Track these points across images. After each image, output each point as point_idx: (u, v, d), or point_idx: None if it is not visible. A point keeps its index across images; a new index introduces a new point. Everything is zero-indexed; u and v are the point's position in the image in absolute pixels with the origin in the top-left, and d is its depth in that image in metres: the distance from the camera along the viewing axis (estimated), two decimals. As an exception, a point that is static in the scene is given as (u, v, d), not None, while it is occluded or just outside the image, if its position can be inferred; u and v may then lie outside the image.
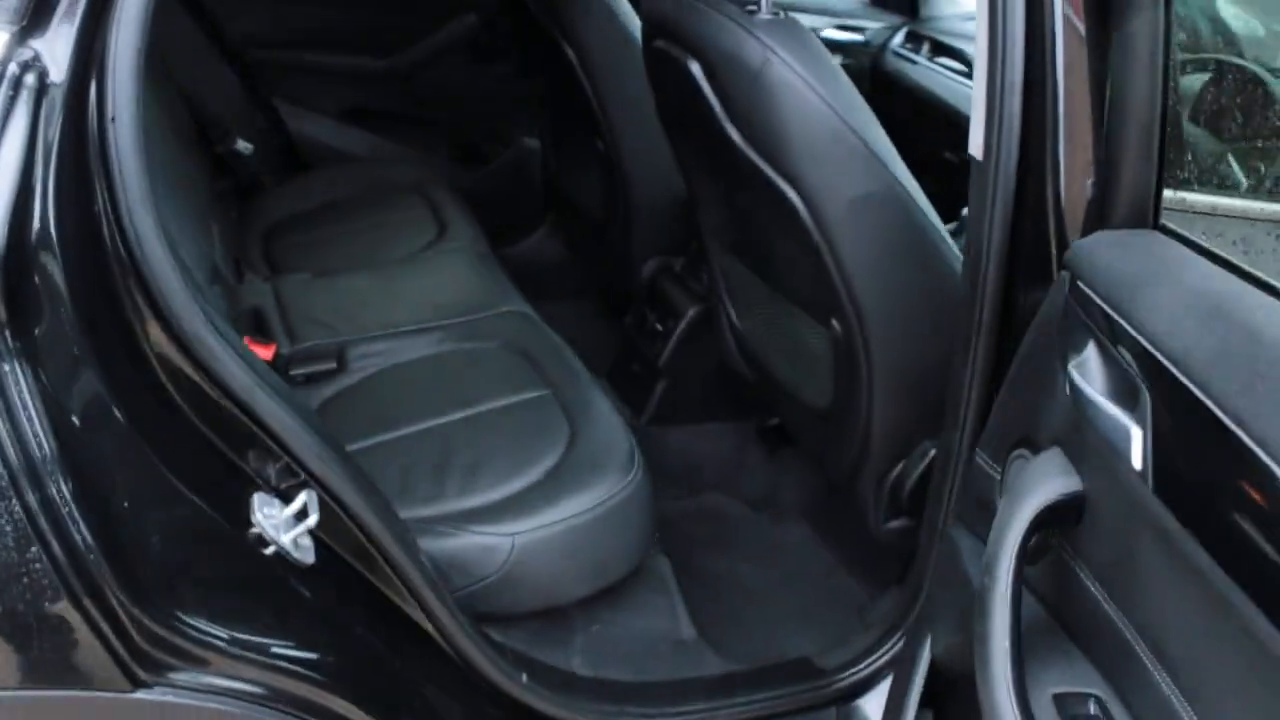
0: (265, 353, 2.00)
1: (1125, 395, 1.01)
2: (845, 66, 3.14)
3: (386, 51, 3.06)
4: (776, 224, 1.70)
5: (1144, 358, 0.99)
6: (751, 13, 1.60)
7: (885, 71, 3.23)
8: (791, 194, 1.59)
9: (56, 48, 0.97)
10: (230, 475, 1.21)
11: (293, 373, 2.03)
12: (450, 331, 2.13)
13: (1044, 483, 1.09)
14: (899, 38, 3.25)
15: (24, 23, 0.96)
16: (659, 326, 2.48)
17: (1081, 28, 1.24)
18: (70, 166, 1.02)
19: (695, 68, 1.67)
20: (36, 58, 0.96)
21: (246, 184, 2.95)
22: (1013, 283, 1.38)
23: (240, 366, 1.15)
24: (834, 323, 1.71)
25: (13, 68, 0.94)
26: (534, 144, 3.20)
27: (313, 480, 1.24)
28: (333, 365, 2.04)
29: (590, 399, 1.90)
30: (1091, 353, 1.08)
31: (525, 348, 2.07)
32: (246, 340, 1.97)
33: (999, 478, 1.25)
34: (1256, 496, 0.82)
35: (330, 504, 1.26)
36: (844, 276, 1.62)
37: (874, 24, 3.29)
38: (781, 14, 1.62)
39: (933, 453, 1.68)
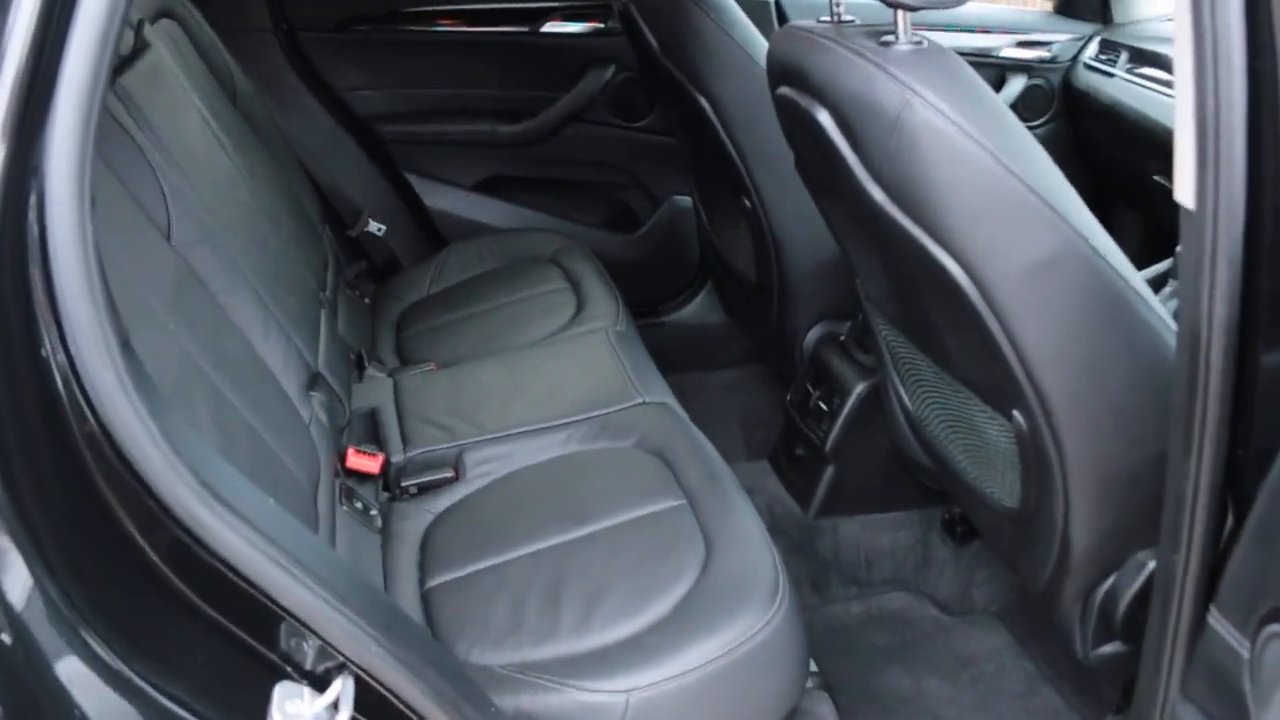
0: (372, 464, 1.82)
1: None
2: (1033, 87, 2.87)
3: (520, 115, 2.88)
4: (938, 298, 1.39)
5: None
6: (886, 44, 1.31)
7: (1077, 89, 2.85)
8: (950, 263, 1.29)
9: None
10: (246, 663, 1.00)
11: (405, 484, 1.84)
12: (579, 429, 1.90)
13: None
14: (1091, 49, 2.86)
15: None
16: (823, 406, 2.18)
17: None
18: (16, 316, 0.84)
19: (824, 117, 1.39)
20: None
21: (382, 266, 2.82)
22: (1246, 363, 1.04)
23: (238, 538, 0.93)
24: (1016, 414, 1.38)
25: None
26: (686, 202, 2.96)
27: (349, 664, 1.01)
28: (449, 474, 1.84)
29: (732, 508, 1.63)
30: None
31: (661, 446, 1.81)
32: (352, 450, 1.81)
33: (1246, 654, 0.91)
34: None
35: (376, 688, 1.03)
36: (1023, 361, 1.30)
37: (1061, 36, 2.90)
38: (924, 42, 1.32)
39: (1150, 566, 1.33)
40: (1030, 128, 2.83)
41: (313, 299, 2.06)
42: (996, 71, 2.88)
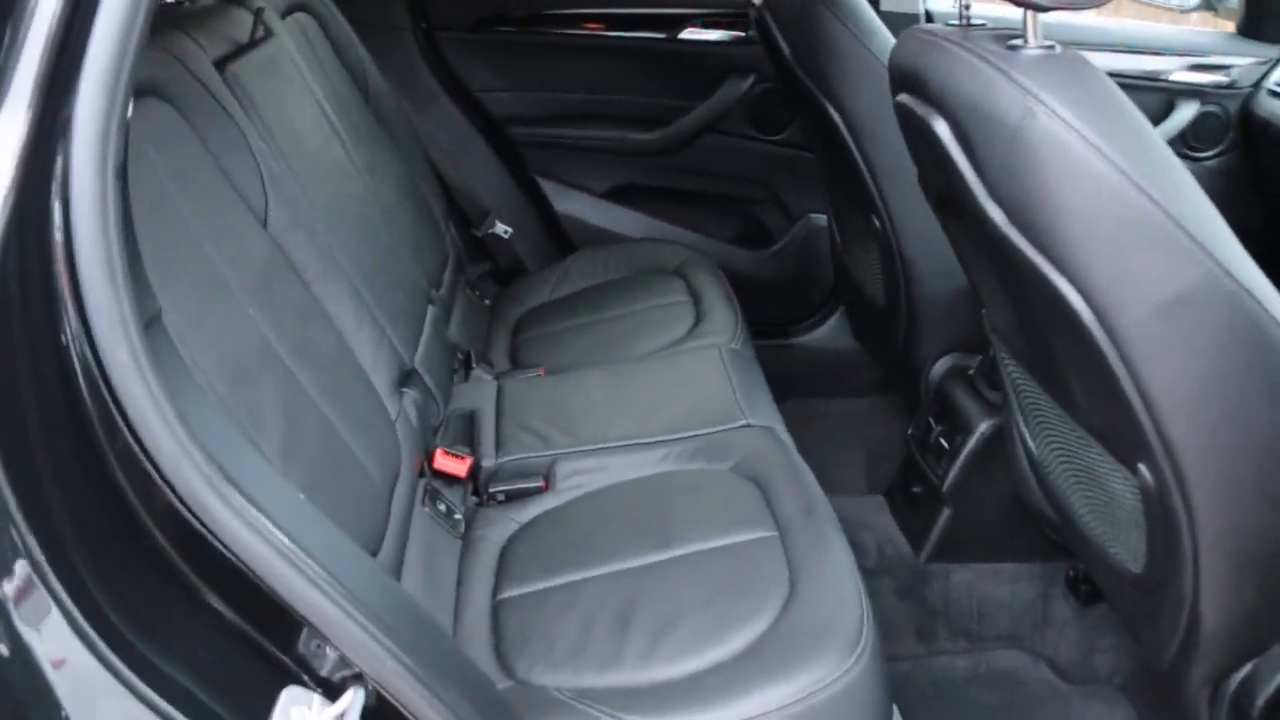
0: (459, 466, 1.78)
1: None
2: (1206, 115, 2.65)
3: (654, 123, 2.81)
4: (1060, 334, 1.26)
5: None
6: (1014, 48, 1.19)
7: (1259, 117, 2.62)
8: (1072, 295, 1.15)
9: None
10: (256, 664, 0.94)
11: (493, 489, 1.79)
12: (677, 448, 1.81)
13: None
14: (1278, 74, 2.63)
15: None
16: (944, 443, 2.04)
17: None
18: (39, 299, 0.81)
19: (941, 127, 1.27)
20: None
21: (507, 268, 2.79)
22: None
23: (251, 533, 0.88)
24: (1142, 469, 1.23)
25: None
26: (823, 220, 2.84)
27: (366, 676, 0.95)
28: (538, 484, 1.77)
29: (824, 545, 1.51)
30: None
31: (760, 472, 1.71)
32: (440, 451, 1.76)
33: None
34: None
35: (392, 704, 0.96)
36: (1150, 408, 1.15)
37: (1242, 59, 2.67)
38: (1057, 47, 1.19)
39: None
40: (1202, 159, 2.67)
41: (419, 295, 2.03)
42: (1165, 97, 2.67)
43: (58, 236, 0.81)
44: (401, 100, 2.59)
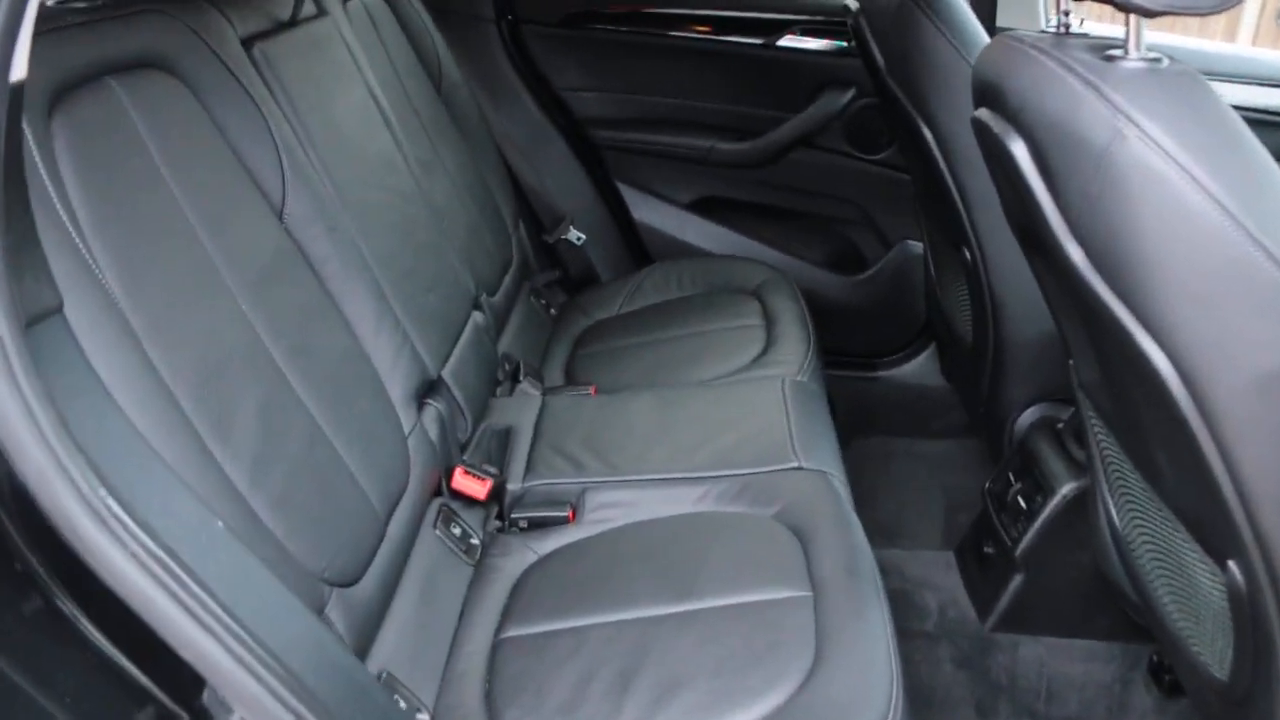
0: (479, 488, 1.65)
1: None
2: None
3: (745, 133, 2.65)
4: (1145, 399, 1.07)
5: None
6: (1111, 59, 1.00)
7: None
8: (1158, 357, 0.96)
9: None
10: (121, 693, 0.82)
11: (516, 515, 1.66)
12: (718, 486, 1.66)
13: None
14: None
15: None
16: (1023, 502, 1.84)
17: None
18: None
19: (1019, 148, 1.09)
20: None
21: (578, 277, 2.67)
22: None
23: (134, 565, 0.75)
24: (1232, 565, 1.04)
25: None
26: (919, 249, 2.65)
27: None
28: (564, 513, 1.64)
29: (862, 614, 1.34)
30: None
31: (804, 522, 1.54)
32: (460, 470, 1.64)
33: None
34: None
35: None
36: (1244, 497, 0.96)
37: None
38: (1164, 60, 1.00)
39: None
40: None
41: (462, 301, 1.91)
42: (1306, 138, 2.41)
43: None
44: (478, 93, 2.49)
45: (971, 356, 2.09)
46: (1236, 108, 1.06)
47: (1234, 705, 1.16)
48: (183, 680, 0.82)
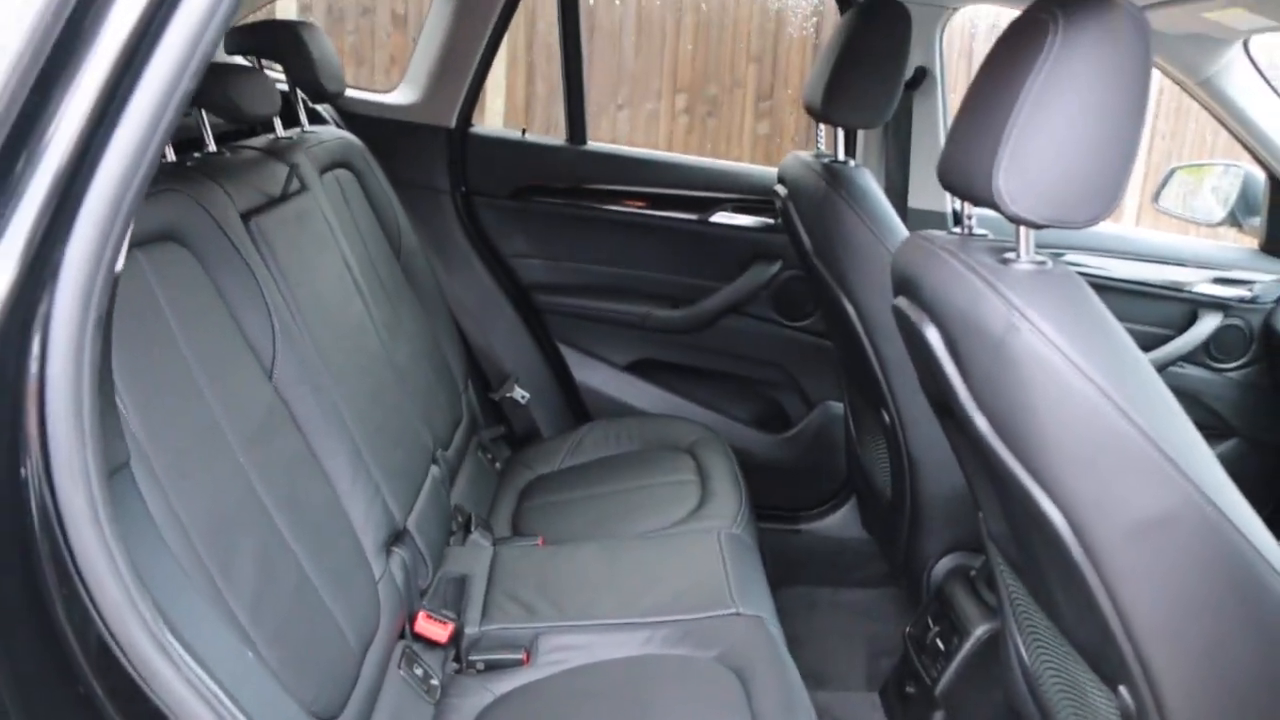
0: (440, 631, 1.75)
1: None
2: (1228, 327, 2.66)
3: (681, 301, 2.86)
4: (1045, 548, 1.24)
5: None
6: (1006, 262, 1.21)
7: (1280, 333, 2.63)
8: (1052, 510, 1.14)
9: None
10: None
11: (473, 657, 1.76)
12: (662, 631, 1.78)
13: None
14: (1301, 292, 2.66)
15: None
16: (941, 644, 1.99)
17: None
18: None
19: (932, 334, 1.28)
20: None
21: (522, 433, 2.81)
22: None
23: (189, 689, 0.87)
24: (1122, 690, 1.20)
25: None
26: (840, 410, 2.85)
27: None
28: (519, 656, 1.75)
29: (799, 745, 1.47)
30: None
31: (743, 663, 1.68)
32: (423, 615, 1.75)
33: None
34: None
35: None
36: (1129, 631, 1.13)
37: (1266, 276, 2.70)
38: (1049, 262, 1.21)
39: None
40: (1224, 370, 2.67)
41: (422, 455, 2.04)
42: (1188, 307, 2.69)
43: (33, 370, 0.84)
44: (433, 259, 2.66)
45: (890, 510, 2.26)
46: (1120, 279, 1.26)
47: (1132, 823, 1.31)
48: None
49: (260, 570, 1.31)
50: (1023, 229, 1.20)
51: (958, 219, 2.70)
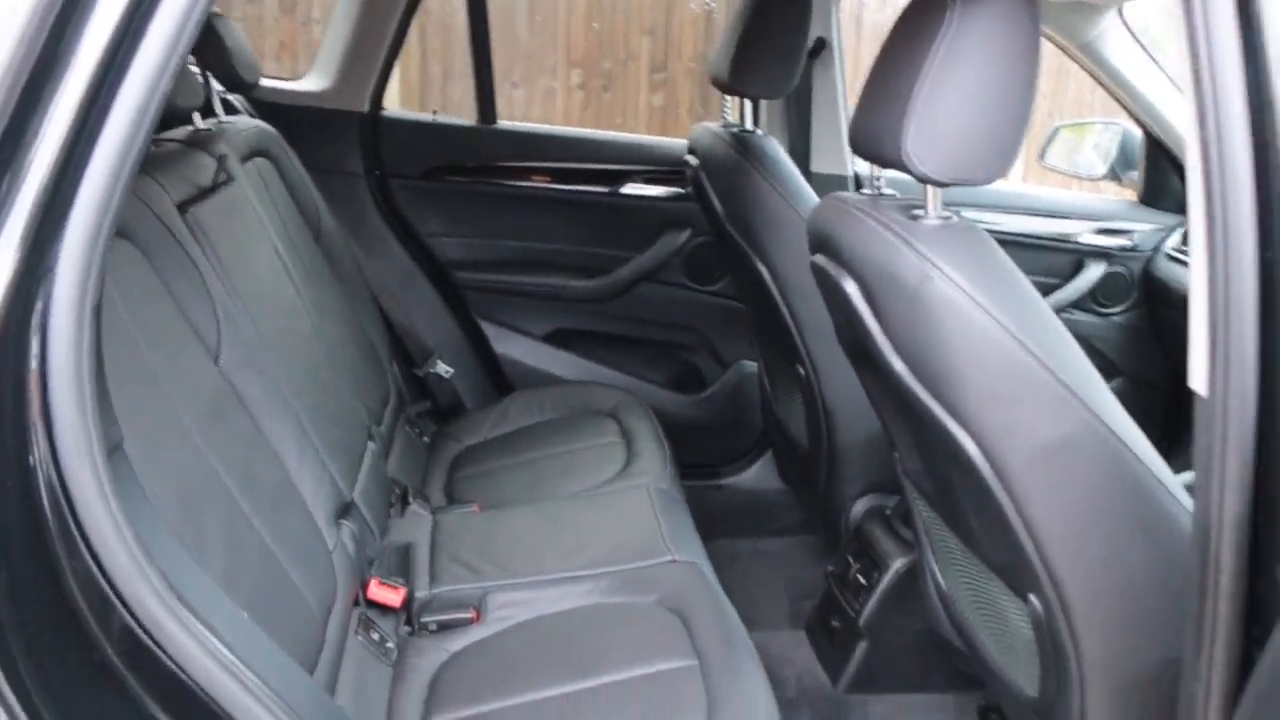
0: (393, 596, 1.83)
1: None
2: (1112, 275, 2.85)
3: (594, 271, 2.95)
4: (958, 474, 1.37)
5: None
6: (915, 219, 1.33)
7: (1158, 278, 2.84)
8: (966, 441, 1.27)
9: None
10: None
11: (425, 619, 1.83)
12: (604, 581, 1.88)
13: None
14: (1174, 239, 2.86)
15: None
16: (862, 579, 2.13)
17: None
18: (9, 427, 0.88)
19: (851, 287, 1.40)
20: None
21: (446, 407, 2.87)
22: (1259, 565, 1.00)
23: (195, 645, 0.94)
24: (1032, 599, 1.34)
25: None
26: (753, 368, 2.98)
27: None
28: (469, 615, 1.83)
29: (741, 675, 1.58)
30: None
31: (683, 606, 1.79)
32: (375, 581, 1.82)
33: None
34: None
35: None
36: (1037, 544, 1.26)
37: (1144, 226, 2.90)
38: (954, 218, 1.33)
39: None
40: (1109, 315, 2.86)
41: (360, 431, 2.11)
42: (1075, 257, 2.87)
43: (33, 365, 0.89)
44: (351, 242, 2.71)
45: (808, 458, 2.39)
46: (1012, 233, 1.37)
47: (1044, 715, 1.45)
48: (166, 690, 0.99)
49: (228, 545, 1.37)
50: (930, 188, 1.31)
51: (859, 182, 2.85)
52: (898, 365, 1.34)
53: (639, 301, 2.98)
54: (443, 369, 2.83)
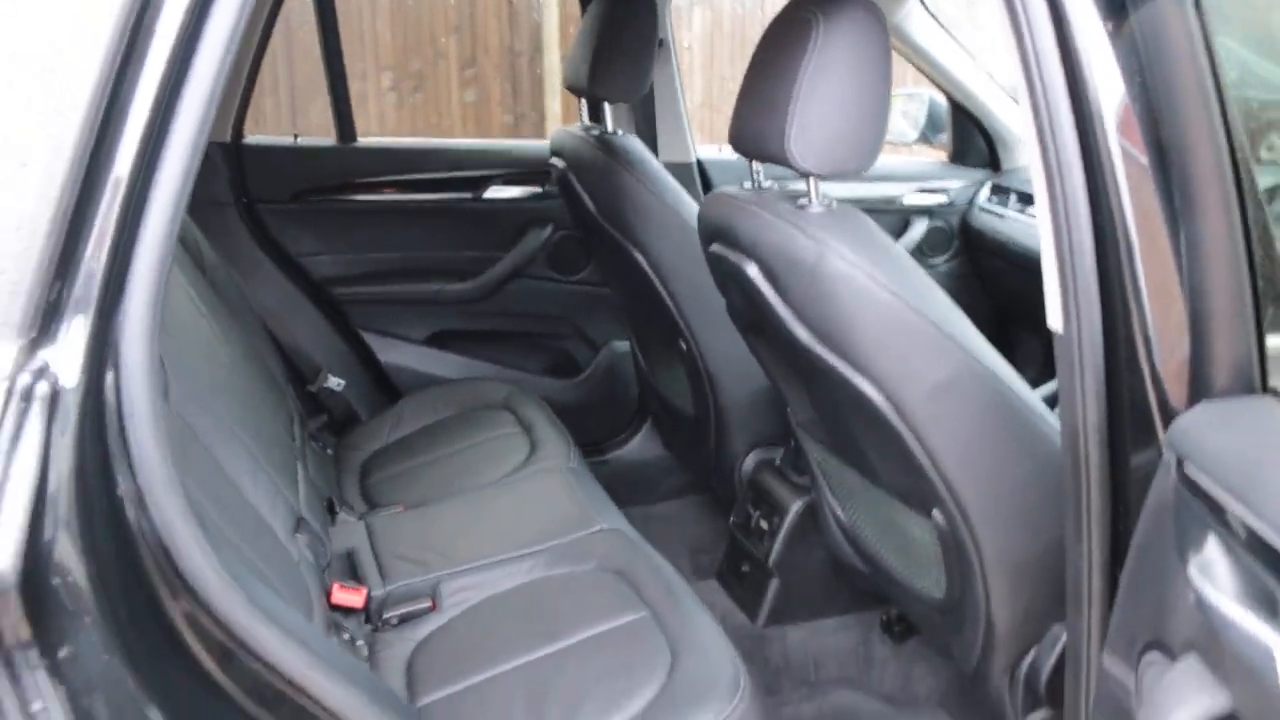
0: (356, 598, 1.96)
1: (1259, 601, 0.88)
2: (934, 229, 3.18)
3: (466, 274, 3.11)
4: (861, 420, 1.62)
5: (1273, 556, 0.86)
6: (802, 207, 1.56)
7: (974, 228, 3.18)
8: (868, 388, 1.51)
9: (66, 355, 0.96)
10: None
11: (386, 615, 1.98)
12: (542, 557, 2.06)
13: (1185, 699, 0.95)
14: (984, 193, 3.21)
15: (33, 334, 0.95)
16: (764, 525, 2.38)
17: (1143, 158, 1.14)
18: (93, 467, 1.00)
19: (752, 270, 1.62)
20: (46, 367, 0.94)
21: (342, 419, 2.98)
22: (1118, 460, 1.26)
23: (290, 645, 1.10)
24: (936, 514, 1.59)
25: (23, 380, 0.93)
26: (624, 347, 3.19)
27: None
28: (427, 604, 1.98)
29: (691, 617, 1.80)
30: (1213, 549, 0.95)
31: (621, 567, 1.99)
32: (336, 586, 1.95)
33: (1132, 685, 1.10)
34: None
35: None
36: (937, 467, 1.52)
37: (956, 182, 3.25)
38: (833, 203, 1.57)
39: (1064, 639, 1.53)
40: (934, 264, 3.19)
41: (289, 449, 2.23)
42: (901, 216, 3.19)
43: (110, 399, 1.02)
44: (232, 270, 2.78)
45: (695, 423, 2.62)
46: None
47: (951, 611, 1.72)
48: (265, 692, 1.15)
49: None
50: (812, 180, 1.55)
51: (701, 167, 3.09)
52: (801, 333, 1.57)
53: (510, 298, 3.15)
54: (334, 383, 2.93)
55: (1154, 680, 1.05)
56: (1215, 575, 0.94)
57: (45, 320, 0.95)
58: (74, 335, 0.96)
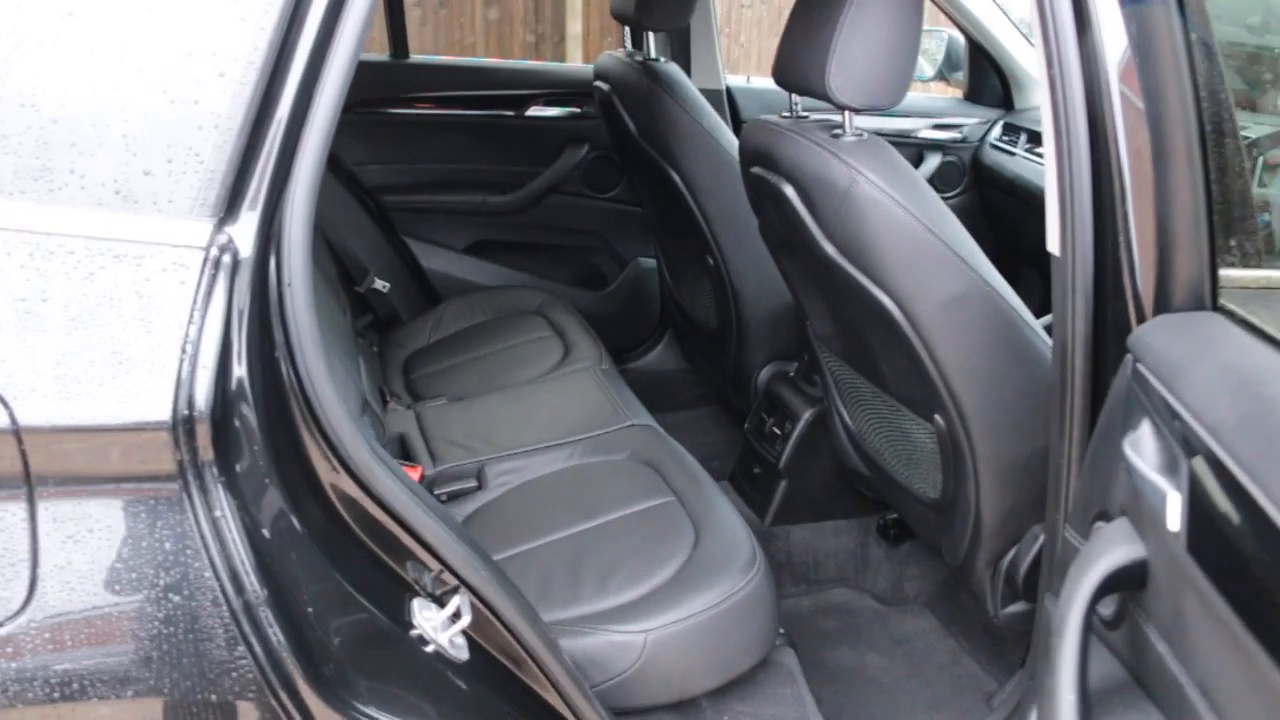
0: (413, 474, 2.17)
1: (1169, 466, 1.08)
2: (947, 164, 3.35)
3: (507, 187, 3.29)
4: (876, 330, 1.81)
5: (1184, 430, 1.07)
6: (836, 136, 1.74)
7: (985, 165, 3.34)
8: (887, 301, 1.70)
9: (245, 231, 1.16)
10: (393, 583, 1.36)
11: (437, 492, 2.19)
12: (580, 447, 2.28)
13: (1109, 550, 1.16)
14: (996, 131, 3.36)
15: (221, 214, 1.15)
16: (777, 430, 2.58)
17: (1140, 103, 1.30)
18: (256, 325, 1.20)
19: (790, 191, 1.80)
20: (230, 241, 1.14)
21: (386, 319, 3.19)
22: (1100, 370, 1.45)
23: (399, 487, 1.30)
24: (937, 418, 1.80)
25: (214, 251, 1.13)
26: (649, 263, 3.38)
27: (464, 586, 1.38)
28: (474, 484, 2.20)
29: (713, 503, 2.02)
30: (1145, 429, 1.16)
31: (651, 458, 2.20)
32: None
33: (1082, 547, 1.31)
34: (1269, 555, 0.89)
35: (480, 608, 1.40)
36: (942, 374, 1.72)
37: (970, 120, 3.41)
38: (865, 135, 1.75)
39: (1043, 538, 1.74)
40: (945, 198, 3.38)
41: (350, 340, 2.43)
42: (916, 150, 3.36)
43: (274, 291, 1.21)
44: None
45: (716, 336, 2.82)
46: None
47: (944, 511, 1.94)
48: (402, 562, 1.37)
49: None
50: (847, 112, 1.73)
51: (730, 93, 3.25)
52: (830, 250, 1.76)
53: (545, 212, 3.34)
54: (380, 284, 3.13)
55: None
56: (1143, 449, 1.14)
57: (231, 202, 1.15)
58: (251, 216, 1.16)
